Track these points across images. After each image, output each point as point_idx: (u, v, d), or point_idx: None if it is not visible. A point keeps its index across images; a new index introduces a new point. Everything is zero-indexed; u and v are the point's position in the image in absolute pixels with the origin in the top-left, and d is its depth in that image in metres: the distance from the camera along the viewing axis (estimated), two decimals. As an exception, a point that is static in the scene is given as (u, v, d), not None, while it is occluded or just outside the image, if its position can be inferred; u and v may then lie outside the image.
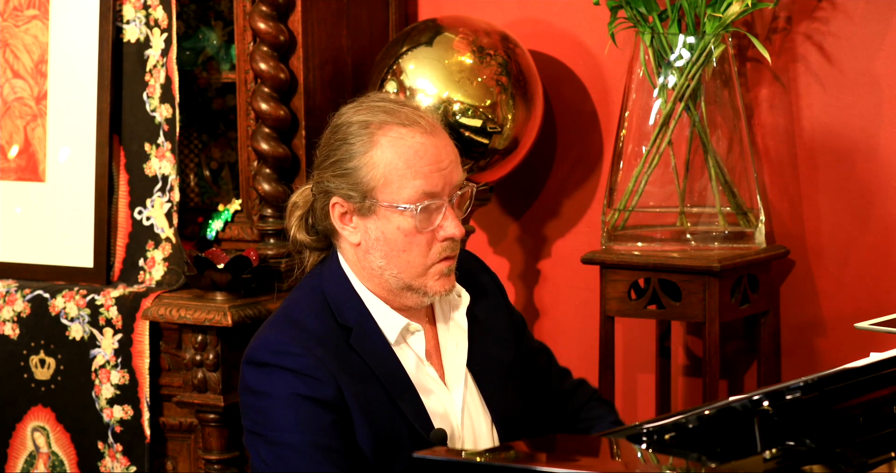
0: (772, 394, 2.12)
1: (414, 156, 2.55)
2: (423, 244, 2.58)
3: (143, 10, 3.75)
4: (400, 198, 2.55)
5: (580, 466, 2.06)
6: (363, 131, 2.57)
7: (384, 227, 2.58)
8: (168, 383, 3.67)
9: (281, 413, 2.54)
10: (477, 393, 2.69)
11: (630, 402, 3.89)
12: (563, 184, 3.93)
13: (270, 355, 2.56)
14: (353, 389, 2.55)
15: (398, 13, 3.96)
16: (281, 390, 2.54)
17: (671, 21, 3.50)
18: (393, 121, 2.57)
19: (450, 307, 2.71)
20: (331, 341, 2.58)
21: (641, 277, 3.54)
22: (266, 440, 2.55)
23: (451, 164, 2.58)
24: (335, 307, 2.62)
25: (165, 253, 3.74)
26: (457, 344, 2.69)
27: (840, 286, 3.64)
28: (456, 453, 2.19)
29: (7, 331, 3.82)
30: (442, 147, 2.58)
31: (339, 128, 2.62)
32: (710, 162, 3.53)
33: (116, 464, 3.70)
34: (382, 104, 2.61)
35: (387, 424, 2.57)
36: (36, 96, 3.90)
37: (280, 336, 2.58)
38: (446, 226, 2.58)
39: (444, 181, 2.57)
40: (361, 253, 2.62)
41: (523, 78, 3.70)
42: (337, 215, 2.61)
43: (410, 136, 2.56)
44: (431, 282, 2.61)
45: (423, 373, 2.63)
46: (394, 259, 2.59)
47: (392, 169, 2.55)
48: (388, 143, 2.56)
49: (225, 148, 4.04)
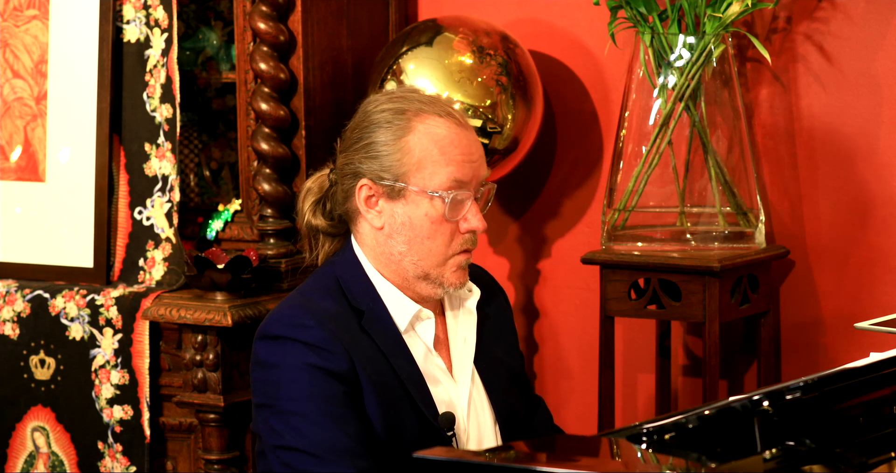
0: (772, 394, 2.12)
1: (449, 144, 2.61)
2: (446, 233, 2.62)
3: (144, 10, 3.75)
4: (432, 184, 2.60)
5: (580, 466, 2.06)
6: (400, 117, 2.62)
7: (412, 212, 2.61)
8: (168, 383, 3.67)
9: (292, 382, 2.55)
10: (483, 389, 2.71)
11: (630, 402, 3.89)
12: (563, 184, 3.93)
13: (283, 328, 2.58)
14: (364, 366, 2.56)
15: (398, 13, 3.96)
16: (292, 360, 2.55)
17: (671, 21, 3.50)
18: (429, 111, 2.63)
19: (460, 300, 2.74)
20: (344, 320, 2.60)
21: (641, 277, 3.54)
22: (275, 410, 2.55)
23: (480, 158, 2.65)
24: (347, 290, 2.64)
25: (165, 253, 3.74)
26: (465, 339, 2.72)
27: (840, 286, 3.64)
28: (456, 453, 2.19)
29: (7, 331, 3.82)
30: (473, 141, 2.65)
31: (373, 114, 2.65)
32: (710, 162, 3.53)
33: (116, 464, 3.70)
34: (417, 95, 2.67)
35: (395, 405, 2.58)
36: (36, 96, 3.90)
37: (294, 311, 2.61)
38: (470, 219, 2.64)
39: (473, 173, 2.63)
40: (383, 238, 2.64)
41: (523, 78, 3.70)
42: (363, 198, 2.64)
43: (446, 126, 2.61)
44: (448, 273, 2.64)
45: (430, 363, 2.65)
46: (416, 245, 2.62)
47: (427, 154, 2.60)
48: (425, 130, 2.61)
49: (225, 148, 4.04)
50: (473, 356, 2.71)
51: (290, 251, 3.69)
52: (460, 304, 2.74)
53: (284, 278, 3.65)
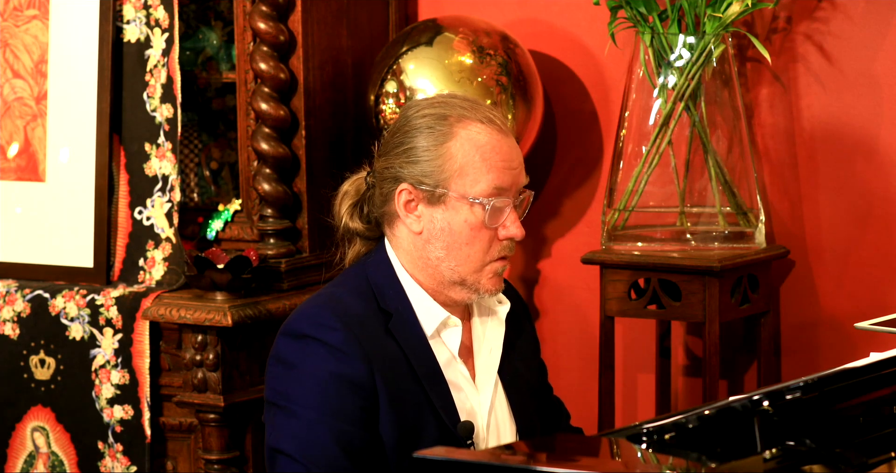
0: (772, 394, 2.12)
1: (491, 151, 2.61)
2: (485, 240, 2.62)
3: (144, 9, 3.75)
4: (473, 191, 2.60)
5: (580, 466, 2.06)
6: (442, 122, 2.62)
7: (451, 218, 2.61)
8: (168, 383, 3.67)
9: (306, 388, 2.55)
10: (505, 400, 2.71)
11: (630, 402, 3.89)
12: (563, 184, 3.93)
13: (307, 326, 2.58)
14: (384, 373, 2.56)
15: (398, 13, 3.96)
16: (313, 365, 2.55)
17: (671, 21, 3.50)
18: (472, 117, 2.62)
19: (489, 309, 2.73)
20: (370, 323, 2.60)
21: (641, 277, 3.54)
22: (284, 412, 2.56)
23: (519, 166, 2.65)
24: (378, 291, 2.64)
25: (165, 253, 3.74)
26: (490, 350, 2.71)
27: (840, 286, 3.64)
28: (456, 452, 2.19)
29: (7, 331, 3.82)
30: (513, 147, 2.65)
31: (414, 118, 2.65)
32: (710, 162, 3.53)
33: (116, 464, 3.70)
34: (459, 101, 2.67)
35: (414, 413, 2.58)
36: (36, 96, 3.90)
37: (321, 310, 2.60)
38: (509, 226, 2.63)
39: (513, 181, 2.63)
40: (421, 243, 2.64)
41: (523, 78, 3.71)
42: (402, 202, 2.63)
43: (487, 133, 2.61)
44: (485, 280, 2.64)
45: (454, 370, 2.65)
46: (455, 251, 2.62)
47: (469, 161, 2.59)
48: (467, 136, 2.60)
49: (225, 148, 4.04)
50: (498, 366, 2.71)
51: (290, 251, 3.69)
52: (489, 313, 2.73)
53: (284, 278, 3.65)
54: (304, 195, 3.71)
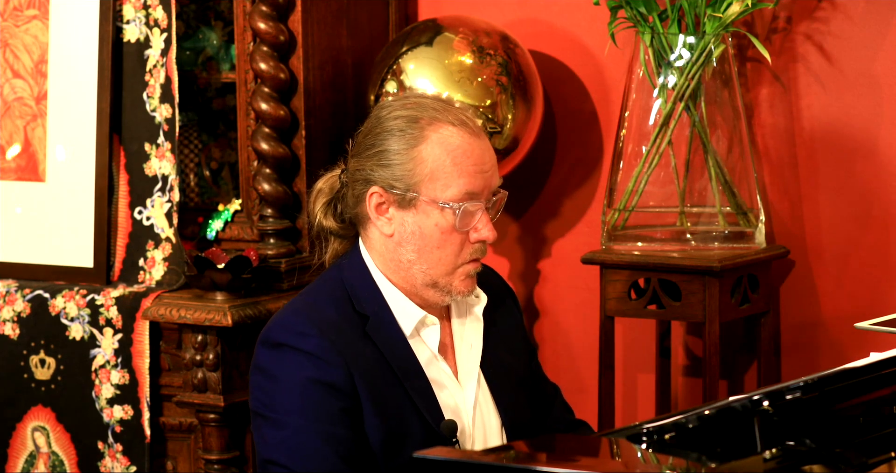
0: (772, 394, 2.12)
1: (462, 155, 2.60)
2: (456, 243, 2.62)
3: (143, 9, 3.75)
4: (443, 196, 2.59)
5: (580, 466, 2.06)
6: (413, 125, 2.60)
7: (422, 222, 2.61)
8: (168, 383, 3.67)
9: (288, 396, 2.55)
10: (489, 393, 2.71)
11: (630, 402, 3.89)
12: (563, 184, 3.93)
13: (284, 335, 2.58)
14: (365, 376, 2.56)
15: (398, 13, 3.96)
16: (291, 373, 2.55)
17: (671, 21, 3.50)
18: (443, 119, 2.61)
19: (467, 306, 2.73)
20: (347, 328, 2.60)
21: (641, 277, 3.54)
22: (270, 422, 2.56)
23: (492, 168, 2.64)
24: (353, 295, 2.64)
25: (165, 253, 3.74)
26: (471, 345, 2.71)
27: (840, 286, 3.64)
28: (456, 453, 2.19)
29: (7, 331, 3.82)
30: (486, 150, 2.64)
31: (386, 120, 2.64)
32: (710, 162, 3.53)
33: (116, 464, 3.70)
34: (431, 102, 2.65)
35: (397, 414, 2.58)
36: (36, 96, 3.90)
37: (296, 317, 2.61)
38: (481, 229, 2.62)
39: (485, 183, 2.62)
40: (392, 245, 2.64)
41: (523, 78, 3.70)
42: (373, 205, 2.63)
43: (459, 136, 2.60)
44: (457, 282, 2.64)
45: (435, 368, 2.65)
46: (426, 254, 2.62)
47: (439, 165, 2.59)
48: (438, 140, 2.59)
49: (225, 148, 4.04)
50: (479, 361, 2.71)
51: (290, 251, 3.69)
52: (467, 310, 2.73)
53: (284, 278, 3.65)
54: (304, 195, 3.71)
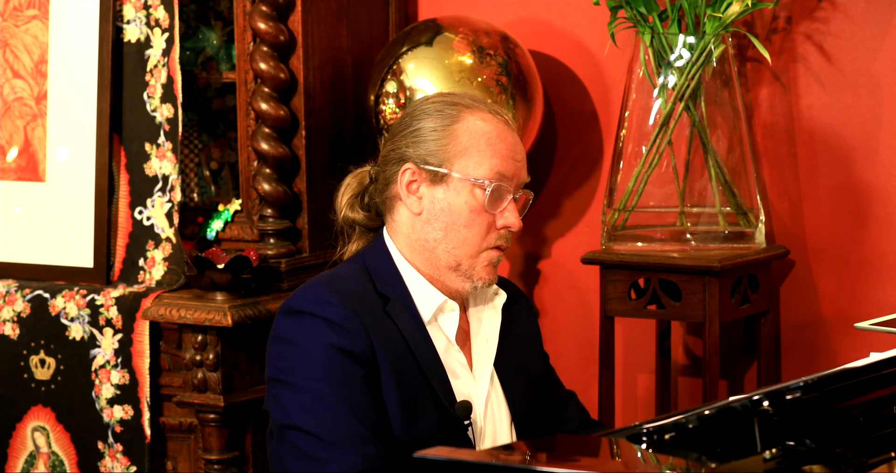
0: (772, 394, 2.12)
1: (497, 137, 2.65)
2: (483, 225, 2.64)
3: (144, 9, 3.75)
4: (475, 173, 2.63)
5: (580, 466, 2.06)
6: (451, 107, 2.67)
7: (452, 199, 2.63)
8: (168, 383, 3.67)
9: (309, 361, 2.55)
10: (500, 390, 2.72)
11: (630, 402, 3.89)
12: (563, 184, 3.93)
13: (305, 303, 2.59)
14: (385, 348, 2.57)
15: (398, 13, 3.96)
16: (312, 338, 2.56)
17: (671, 21, 3.50)
18: (480, 107, 2.68)
19: (486, 300, 2.74)
20: (369, 303, 2.62)
21: (641, 277, 3.54)
22: (288, 386, 2.55)
23: (523, 160, 2.69)
24: (376, 276, 2.66)
25: (165, 253, 3.74)
26: (487, 340, 2.72)
27: (840, 286, 3.64)
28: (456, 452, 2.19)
29: (7, 331, 3.82)
30: (518, 143, 2.70)
31: (422, 106, 2.70)
32: (710, 162, 3.53)
33: (116, 464, 3.70)
34: (469, 95, 2.73)
35: (413, 392, 2.58)
36: (36, 96, 3.90)
37: (318, 287, 2.62)
38: (507, 215, 2.66)
39: (516, 171, 2.67)
40: (420, 224, 2.66)
41: (523, 78, 3.71)
42: (405, 183, 2.66)
43: (494, 122, 2.66)
44: (479, 267, 2.66)
45: (451, 356, 2.66)
46: (452, 232, 2.64)
47: (474, 143, 2.63)
48: (474, 120, 2.65)
49: (225, 148, 4.04)
50: (494, 356, 2.72)
51: (290, 251, 3.69)
52: (486, 303, 2.75)
53: (284, 278, 3.65)
54: (304, 195, 3.71)
